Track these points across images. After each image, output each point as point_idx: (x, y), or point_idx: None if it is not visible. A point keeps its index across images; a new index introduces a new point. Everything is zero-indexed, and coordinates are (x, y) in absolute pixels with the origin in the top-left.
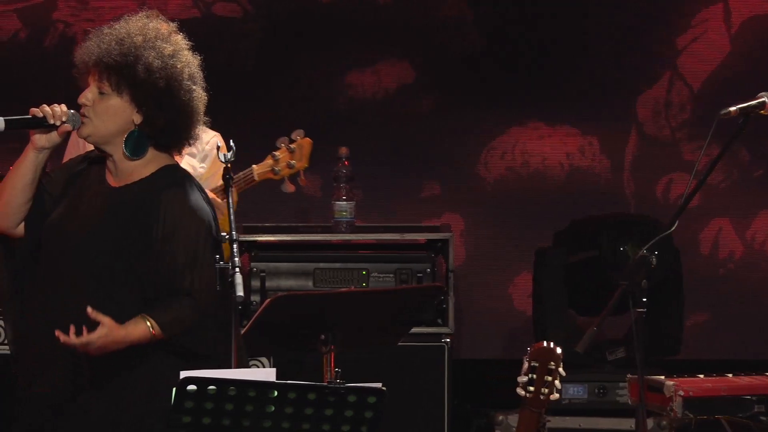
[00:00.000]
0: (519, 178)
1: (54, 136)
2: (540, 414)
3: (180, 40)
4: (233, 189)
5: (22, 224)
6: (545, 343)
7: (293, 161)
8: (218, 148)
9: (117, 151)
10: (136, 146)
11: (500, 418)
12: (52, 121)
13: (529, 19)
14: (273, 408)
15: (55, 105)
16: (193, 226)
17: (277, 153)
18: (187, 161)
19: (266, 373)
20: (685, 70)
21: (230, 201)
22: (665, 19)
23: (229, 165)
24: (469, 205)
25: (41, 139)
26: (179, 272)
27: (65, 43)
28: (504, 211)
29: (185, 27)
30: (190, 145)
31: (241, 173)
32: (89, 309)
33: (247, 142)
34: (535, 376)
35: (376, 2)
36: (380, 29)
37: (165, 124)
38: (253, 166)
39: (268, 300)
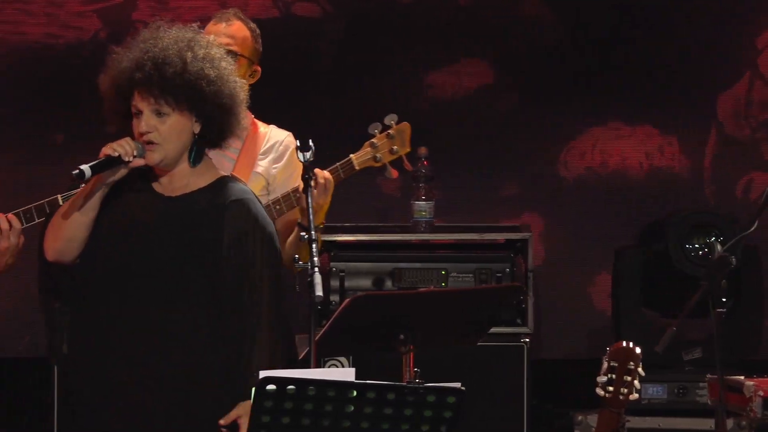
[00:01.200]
0: (598, 178)
1: (122, 171)
2: (619, 414)
3: (208, 39)
4: (313, 189)
5: None
6: (624, 343)
7: (395, 147)
8: (297, 148)
9: (181, 164)
10: (197, 155)
11: (579, 418)
12: (127, 158)
13: (608, 20)
14: (352, 408)
15: (123, 141)
16: (257, 238)
17: (375, 140)
18: (260, 162)
19: (345, 373)
20: (765, 69)
21: (309, 201)
22: (745, 19)
23: (307, 165)
24: (548, 204)
25: (109, 175)
26: (243, 285)
27: None
28: (583, 211)
29: (265, 27)
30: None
31: (338, 164)
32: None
33: (326, 141)
34: (614, 376)
35: (455, 2)
36: (460, 29)
37: (221, 126)
38: (351, 155)
39: (347, 300)
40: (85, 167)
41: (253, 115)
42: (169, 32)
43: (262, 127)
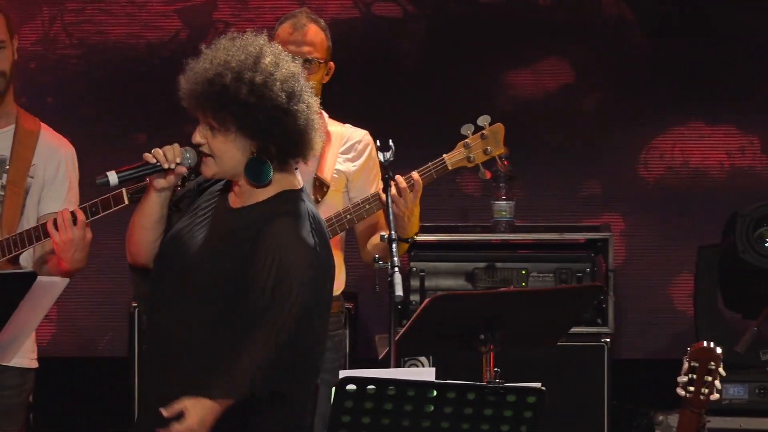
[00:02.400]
0: (679, 178)
1: (171, 178)
2: (700, 414)
3: (276, 55)
4: (399, 191)
5: None
6: (705, 343)
7: (489, 147)
8: (377, 148)
9: (230, 176)
10: (258, 173)
11: (660, 418)
12: (166, 166)
13: (689, 20)
14: (432, 407)
15: (168, 147)
16: (289, 258)
17: (468, 141)
18: (340, 161)
19: (426, 373)
20: None
21: (389, 201)
22: None
23: (387, 165)
24: (628, 204)
25: (160, 182)
26: (263, 299)
27: None
28: (664, 211)
29: (346, 27)
30: (312, 156)
31: (431, 164)
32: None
33: (408, 141)
34: (695, 376)
35: (536, 2)
36: (541, 29)
37: (279, 148)
38: (444, 155)
39: (427, 300)
40: (112, 174)
41: (327, 114)
42: (234, 48)
43: (339, 126)
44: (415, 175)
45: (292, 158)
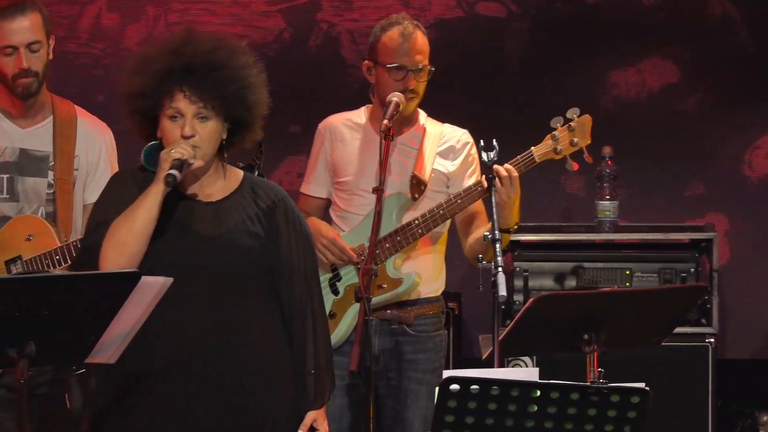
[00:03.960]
0: None
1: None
2: None
3: (241, 45)
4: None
5: None
6: None
7: (576, 139)
8: (481, 148)
9: (210, 169)
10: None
11: (765, 418)
12: (192, 161)
13: None
14: (536, 408)
15: (183, 144)
16: (304, 236)
17: (556, 133)
18: (439, 160)
19: (529, 373)
20: None
21: (494, 201)
22: None
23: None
24: (733, 204)
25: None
26: (296, 281)
27: (329, 43)
28: None
29: (450, 27)
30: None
31: (519, 156)
32: None
33: (510, 141)
34: None
35: (640, 2)
36: (644, 29)
37: (244, 134)
38: (532, 148)
39: (531, 300)
40: (175, 172)
41: (425, 114)
42: (208, 37)
43: (438, 126)
44: (507, 166)
45: (247, 144)
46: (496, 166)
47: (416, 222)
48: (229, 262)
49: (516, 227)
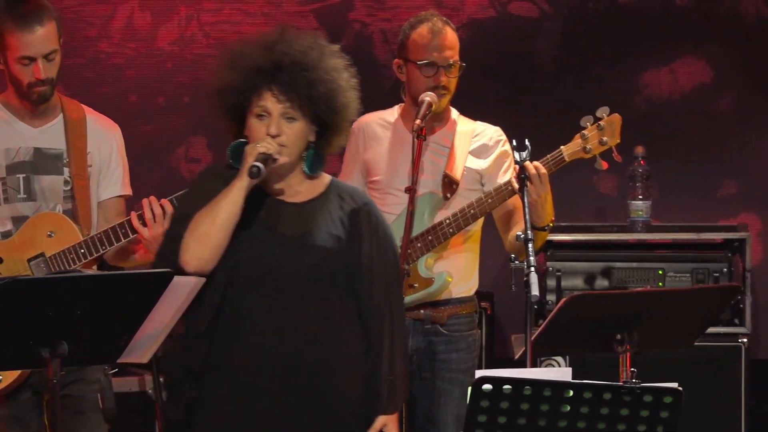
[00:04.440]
0: None
1: (264, 172)
2: None
3: (333, 48)
4: (531, 181)
5: None
6: None
7: (605, 138)
8: (513, 148)
9: (296, 169)
10: (315, 163)
11: None
12: (277, 157)
13: None
14: (568, 407)
15: (267, 140)
16: (387, 241)
17: (585, 132)
18: (472, 158)
19: (562, 373)
20: None
21: (525, 201)
22: None
23: (524, 165)
24: (766, 203)
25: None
26: (377, 286)
27: (362, 43)
28: None
29: (482, 26)
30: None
31: (549, 155)
32: None
33: (545, 140)
34: None
35: (673, 2)
36: (677, 29)
37: (331, 137)
38: (561, 147)
39: (563, 299)
40: (260, 164)
41: (457, 112)
42: (301, 37)
43: (469, 124)
44: (536, 163)
45: (333, 148)
46: (525, 163)
47: (447, 221)
48: (310, 262)
49: (551, 225)
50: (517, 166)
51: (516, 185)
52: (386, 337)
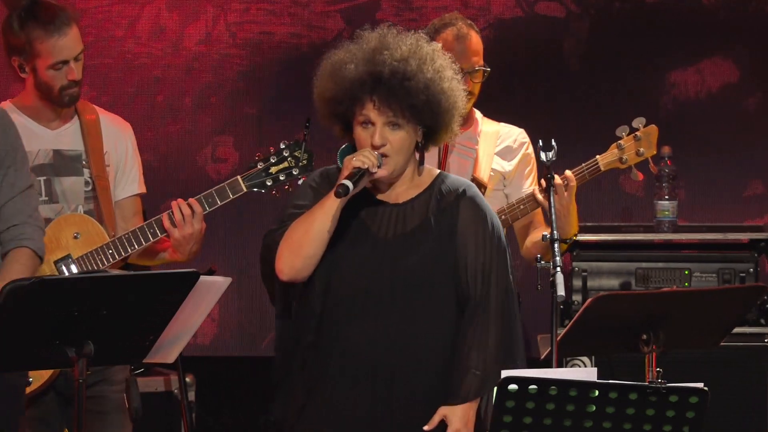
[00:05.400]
0: None
1: (363, 182)
2: None
3: (436, 48)
4: (555, 189)
5: None
6: None
7: (642, 149)
8: (539, 148)
9: (401, 176)
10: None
11: None
12: (374, 170)
13: None
14: (594, 408)
15: (366, 152)
16: (490, 231)
17: (621, 142)
18: (497, 160)
19: (588, 373)
20: None
21: (552, 201)
22: None
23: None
24: None
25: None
26: (478, 278)
27: None
28: None
29: (509, 26)
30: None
31: (584, 165)
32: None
33: (569, 141)
34: None
35: (700, 2)
36: (704, 28)
37: (438, 137)
38: (597, 156)
39: (589, 300)
40: (347, 182)
41: (481, 114)
42: (402, 40)
43: (494, 125)
44: (568, 173)
45: (442, 141)
46: (563, 174)
47: None
48: (408, 266)
49: (574, 238)
50: (543, 168)
51: (539, 193)
52: (481, 330)
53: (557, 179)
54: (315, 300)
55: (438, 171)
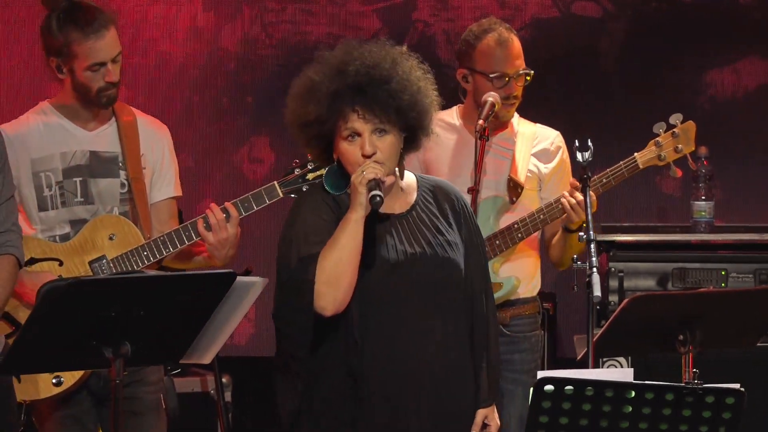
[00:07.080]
0: None
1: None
2: None
3: (402, 50)
4: (590, 188)
5: None
6: None
7: (680, 146)
8: (576, 148)
9: (393, 183)
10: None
11: None
12: (384, 179)
13: None
14: (630, 408)
15: (372, 164)
16: (481, 235)
17: (659, 139)
18: (533, 162)
19: (624, 374)
20: None
21: (588, 202)
22: None
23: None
24: None
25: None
26: (479, 279)
27: (425, 43)
28: None
29: (546, 26)
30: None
31: (622, 162)
32: None
33: (606, 140)
34: None
35: (736, 1)
36: (741, 28)
37: (418, 138)
38: (635, 154)
39: (626, 300)
40: (379, 192)
41: (517, 114)
42: (367, 48)
43: (530, 126)
44: (578, 196)
45: (420, 146)
46: (561, 199)
47: (516, 226)
48: (442, 270)
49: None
50: (579, 168)
51: (578, 184)
52: (492, 328)
53: (565, 203)
54: (352, 331)
55: (415, 175)
